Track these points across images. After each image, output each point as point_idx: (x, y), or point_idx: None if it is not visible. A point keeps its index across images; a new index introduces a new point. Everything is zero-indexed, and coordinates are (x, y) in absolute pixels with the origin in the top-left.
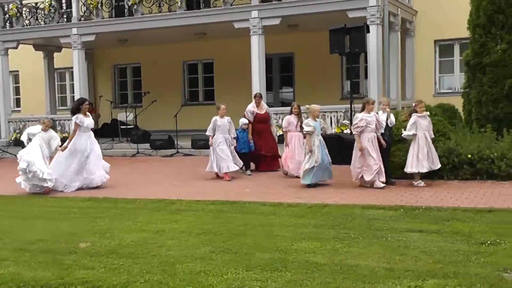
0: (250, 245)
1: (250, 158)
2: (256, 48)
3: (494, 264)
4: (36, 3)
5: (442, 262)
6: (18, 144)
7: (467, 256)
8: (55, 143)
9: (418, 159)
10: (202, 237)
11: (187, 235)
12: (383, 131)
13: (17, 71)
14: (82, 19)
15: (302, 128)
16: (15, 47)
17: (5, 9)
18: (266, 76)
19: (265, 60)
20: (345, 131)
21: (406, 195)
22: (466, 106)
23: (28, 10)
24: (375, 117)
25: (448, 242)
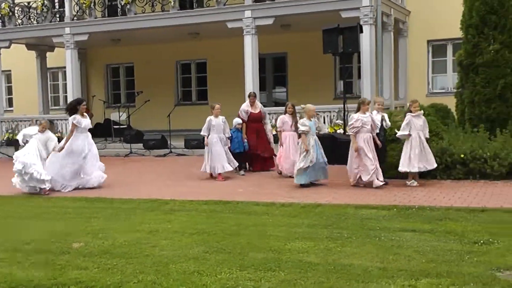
0: (244, 245)
1: (245, 157)
2: (249, 48)
3: (487, 264)
4: (28, 3)
5: (435, 261)
6: (10, 144)
7: (460, 255)
8: (52, 144)
9: (410, 159)
10: (195, 237)
11: (180, 235)
12: (378, 131)
13: (9, 71)
14: (75, 18)
15: (297, 127)
16: (8, 47)
17: None
18: (259, 76)
19: (258, 60)
20: (338, 131)
21: (399, 194)
22: (459, 106)
23: (20, 10)
24: (370, 117)
25: (441, 241)
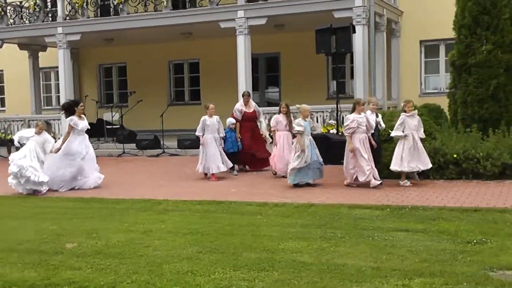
0: (237, 245)
1: (240, 157)
2: (242, 48)
3: (480, 263)
4: (20, 2)
5: (429, 261)
6: (3, 144)
7: (453, 255)
8: (49, 146)
9: (401, 158)
10: (189, 237)
11: (174, 235)
12: (373, 131)
13: (1, 71)
14: (68, 18)
15: (291, 127)
16: (0, 46)
17: None
18: (252, 76)
19: (251, 60)
20: (331, 131)
21: (392, 194)
22: (451, 106)
23: (12, 9)
24: (365, 117)
25: (435, 241)
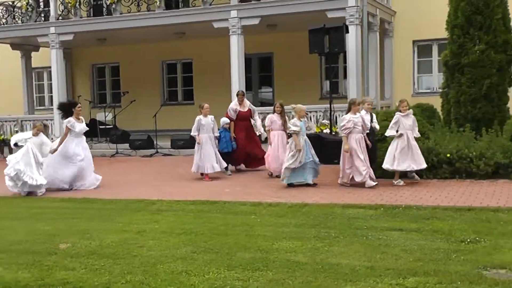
0: (231, 244)
1: (234, 156)
2: (235, 48)
3: (473, 262)
4: (13, 2)
5: (423, 260)
6: None
7: (447, 254)
8: (47, 149)
9: (394, 157)
10: (183, 237)
11: (168, 235)
12: (368, 131)
13: None
14: (60, 18)
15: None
16: None
17: None
18: (245, 76)
19: (244, 60)
20: (324, 131)
21: (386, 194)
22: (444, 106)
23: (5, 9)
24: (361, 117)
25: (428, 240)
